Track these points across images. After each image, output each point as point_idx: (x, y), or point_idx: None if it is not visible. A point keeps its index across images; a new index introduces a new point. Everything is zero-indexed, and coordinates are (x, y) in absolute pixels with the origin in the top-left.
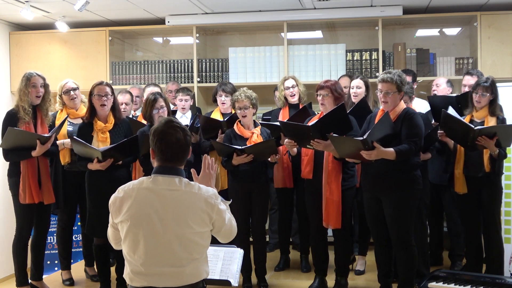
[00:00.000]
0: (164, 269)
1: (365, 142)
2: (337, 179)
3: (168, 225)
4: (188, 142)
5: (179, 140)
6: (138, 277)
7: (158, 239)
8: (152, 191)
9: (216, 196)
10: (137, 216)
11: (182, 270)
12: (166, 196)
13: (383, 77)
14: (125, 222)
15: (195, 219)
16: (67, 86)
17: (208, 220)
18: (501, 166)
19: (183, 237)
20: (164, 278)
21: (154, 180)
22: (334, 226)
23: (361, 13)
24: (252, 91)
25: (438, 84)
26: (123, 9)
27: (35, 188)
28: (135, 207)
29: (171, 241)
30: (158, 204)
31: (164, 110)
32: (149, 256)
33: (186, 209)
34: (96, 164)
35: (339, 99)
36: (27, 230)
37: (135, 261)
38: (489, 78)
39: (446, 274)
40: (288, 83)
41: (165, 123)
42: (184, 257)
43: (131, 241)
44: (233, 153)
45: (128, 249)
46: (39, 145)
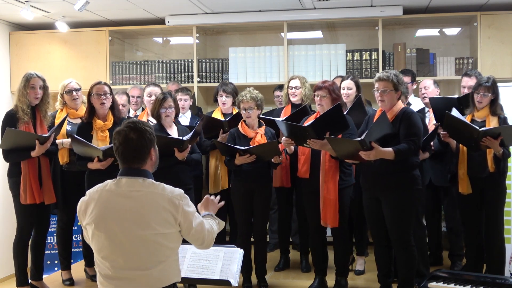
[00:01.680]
0: (130, 273)
1: (363, 142)
2: (334, 178)
3: (130, 227)
4: (144, 143)
5: (132, 140)
6: (107, 281)
7: (121, 241)
8: (114, 193)
9: (181, 197)
10: (99, 218)
11: (148, 273)
12: (128, 198)
13: (380, 76)
14: (90, 224)
15: (158, 219)
16: (70, 86)
17: (173, 221)
18: (505, 166)
19: (146, 239)
20: (131, 282)
21: (117, 182)
22: (331, 225)
23: (361, 13)
24: (258, 92)
25: (426, 87)
26: (123, 9)
27: (36, 188)
28: (97, 209)
29: (134, 243)
30: (120, 205)
31: (172, 110)
32: (114, 259)
33: (148, 210)
34: (96, 163)
35: (336, 100)
36: (27, 230)
37: (102, 264)
38: (490, 78)
39: (446, 274)
40: (292, 83)
41: (125, 124)
42: (149, 260)
43: (96, 244)
44: (236, 152)
45: (95, 252)
46: (38, 145)
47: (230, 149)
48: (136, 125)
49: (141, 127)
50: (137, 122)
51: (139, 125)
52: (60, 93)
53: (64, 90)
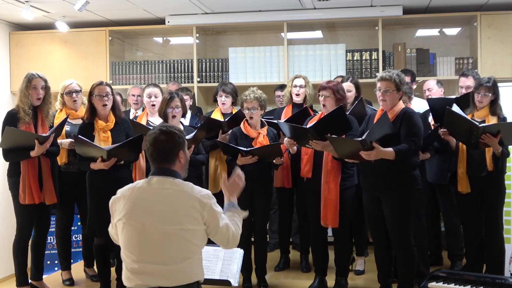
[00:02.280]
0: (155, 267)
1: (364, 142)
2: (336, 178)
3: (159, 221)
4: (172, 145)
5: (161, 142)
6: (133, 276)
7: (149, 236)
8: (145, 190)
9: (209, 196)
10: (129, 213)
11: (174, 268)
12: (158, 195)
13: (382, 76)
14: (121, 220)
15: (186, 216)
16: (71, 87)
17: (200, 219)
18: (504, 165)
19: (173, 233)
20: (156, 277)
21: (148, 181)
22: (331, 225)
23: (361, 13)
24: (262, 92)
25: (430, 89)
26: (123, 9)
27: (36, 189)
28: (128, 205)
29: (162, 238)
30: (150, 201)
31: (179, 110)
32: (142, 253)
33: (177, 206)
34: (100, 163)
35: (340, 100)
36: (27, 230)
37: (129, 258)
38: (491, 78)
39: (446, 274)
40: (296, 82)
41: (157, 127)
42: (175, 255)
43: (125, 238)
44: (238, 153)
45: (123, 247)
46: (37, 145)
47: (232, 149)
48: (167, 128)
49: (170, 130)
50: (168, 125)
51: (169, 128)
52: (60, 93)
53: (64, 90)
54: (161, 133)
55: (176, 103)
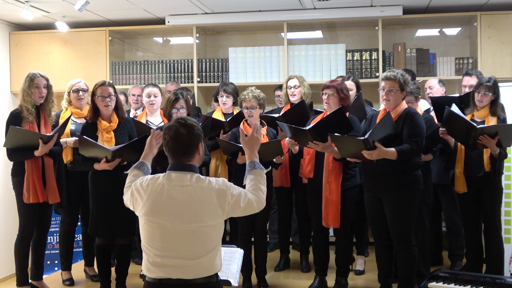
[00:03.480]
0: (179, 261)
1: (366, 141)
2: (337, 178)
3: (181, 220)
4: (193, 138)
5: (182, 135)
6: (155, 268)
7: (172, 233)
8: (165, 187)
9: (226, 185)
10: (151, 210)
11: (197, 262)
12: (178, 192)
13: (387, 75)
14: (143, 215)
15: (207, 212)
16: (78, 85)
17: (221, 212)
18: (501, 166)
19: (196, 231)
20: (179, 270)
21: (168, 177)
22: (332, 226)
23: (361, 13)
24: (260, 91)
25: (431, 87)
26: (123, 9)
27: (40, 188)
28: (150, 201)
29: (184, 235)
30: (171, 199)
31: (184, 110)
32: (164, 249)
33: (198, 204)
34: (104, 164)
35: (344, 100)
36: (29, 229)
37: (151, 252)
38: (492, 78)
39: (446, 274)
40: (290, 83)
41: (175, 120)
42: (198, 250)
43: (147, 233)
44: (238, 152)
45: (144, 240)
46: (41, 144)
47: (233, 147)
48: (186, 121)
49: (190, 123)
50: (186, 118)
51: (188, 121)
52: (67, 91)
53: (71, 89)
54: (182, 127)
55: (181, 104)
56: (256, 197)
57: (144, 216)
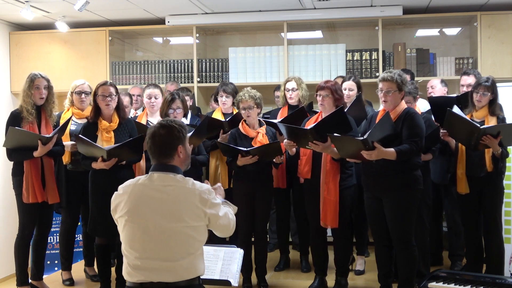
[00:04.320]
0: (159, 263)
1: (366, 142)
2: (335, 178)
3: (162, 219)
4: (171, 139)
5: (159, 136)
6: (135, 272)
7: (152, 233)
8: (147, 187)
9: (209, 191)
10: (131, 211)
11: (177, 264)
12: (160, 192)
13: (384, 76)
14: (123, 217)
15: (189, 213)
16: (82, 87)
17: (203, 215)
18: (503, 166)
19: (177, 231)
20: (160, 272)
21: (149, 177)
22: (331, 226)
23: (361, 13)
24: (256, 91)
25: (433, 86)
26: (123, 9)
27: (39, 188)
28: (130, 202)
29: (165, 235)
30: (153, 199)
31: (180, 111)
32: (145, 250)
33: (180, 203)
34: (100, 163)
35: (339, 100)
36: (29, 229)
37: (131, 255)
38: (490, 78)
39: (446, 274)
40: (289, 85)
41: (158, 121)
42: (179, 252)
43: (128, 235)
44: (237, 153)
45: (124, 243)
46: (40, 145)
47: (232, 150)
48: (167, 122)
49: (170, 124)
50: (169, 119)
51: (169, 122)
52: (70, 91)
53: (74, 90)
54: (161, 127)
55: (177, 104)
56: (232, 217)
57: (125, 217)
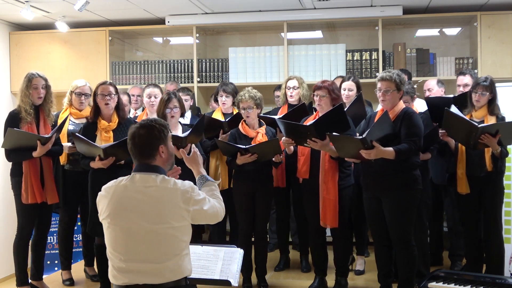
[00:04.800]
0: (144, 265)
1: (364, 141)
2: (334, 178)
3: (145, 221)
4: (152, 140)
5: (139, 136)
6: (120, 274)
7: (136, 235)
8: (128, 189)
9: (192, 188)
10: (114, 213)
11: (162, 266)
12: (142, 193)
13: (382, 76)
14: (106, 219)
15: (172, 214)
16: (82, 89)
17: (186, 214)
18: (502, 165)
19: (160, 233)
20: (145, 274)
21: (131, 178)
22: (331, 225)
23: (361, 13)
24: (257, 91)
25: (430, 89)
26: (123, 9)
27: (38, 188)
28: (112, 204)
29: (148, 237)
30: (135, 200)
31: (177, 110)
32: (129, 253)
33: (162, 204)
34: (98, 162)
35: (336, 100)
36: (28, 230)
37: (116, 257)
38: (488, 77)
39: (446, 274)
40: (290, 83)
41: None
42: (164, 253)
43: (111, 238)
44: (237, 152)
45: (108, 246)
46: (39, 145)
47: (231, 148)
48: (147, 122)
49: (150, 123)
50: (150, 119)
51: (149, 122)
52: (70, 91)
53: (75, 90)
54: (141, 127)
55: (174, 104)
56: (219, 205)
57: (108, 219)
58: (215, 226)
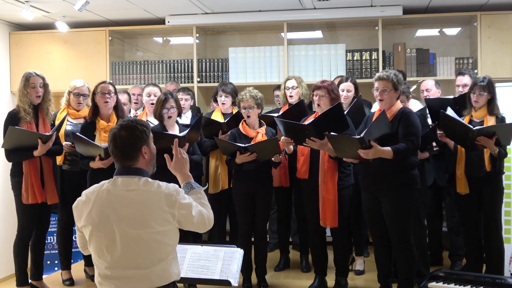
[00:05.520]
0: (130, 272)
1: (362, 140)
2: (333, 178)
3: (129, 226)
4: (134, 141)
5: (121, 138)
6: (106, 281)
7: (119, 241)
8: (111, 193)
9: (177, 191)
10: (97, 219)
11: (149, 272)
12: (124, 197)
13: (380, 75)
14: (88, 226)
15: (156, 218)
16: (81, 89)
17: (171, 218)
18: (501, 165)
19: (145, 238)
20: (131, 281)
21: (113, 182)
22: (331, 225)
23: (361, 13)
24: (258, 91)
25: (428, 89)
26: (123, 9)
27: (38, 188)
28: (95, 210)
29: (134, 243)
30: (117, 205)
31: (174, 110)
32: (114, 259)
33: (146, 209)
34: (98, 162)
35: (335, 100)
36: (28, 230)
37: (101, 264)
38: (486, 78)
39: (446, 274)
40: (289, 84)
41: (119, 122)
42: (149, 258)
43: (95, 245)
44: (236, 151)
45: (93, 253)
46: (40, 144)
47: (231, 146)
48: (127, 123)
49: (131, 124)
50: (130, 119)
51: (130, 122)
52: (67, 91)
53: (73, 90)
54: (121, 129)
55: (171, 104)
56: (207, 212)
57: (90, 227)
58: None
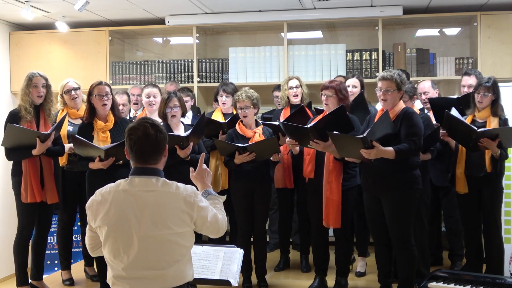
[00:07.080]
0: (146, 273)
1: (365, 140)
2: (338, 178)
3: (146, 228)
4: (160, 140)
5: (151, 136)
6: (120, 281)
7: (136, 242)
8: (128, 193)
9: (195, 193)
10: (114, 219)
11: (164, 272)
12: (143, 198)
13: (383, 75)
14: (103, 226)
15: (174, 219)
16: (68, 86)
17: (189, 220)
18: (502, 166)
19: (163, 239)
20: (146, 281)
21: (130, 182)
22: (333, 226)
23: (361, 13)
24: (254, 91)
25: (426, 92)
26: (123, 9)
27: (37, 187)
28: (112, 210)
29: (151, 244)
30: (135, 206)
31: (177, 109)
32: (130, 260)
33: (164, 210)
34: (98, 163)
35: (343, 100)
36: (28, 229)
37: (117, 266)
38: (491, 78)
39: (446, 274)
40: (292, 83)
41: (140, 121)
42: (166, 259)
43: (111, 246)
44: (235, 152)
45: (108, 253)
46: (39, 143)
47: (229, 147)
48: (153, 122)
49: (157, 123)
50: (152, 119)
51: (155, 121)
52: (60, 94)
53: (63, 90)
54: (150, 127)
55: (174, 103)
56: (222, 218)
57: (106, 227)
58: None
